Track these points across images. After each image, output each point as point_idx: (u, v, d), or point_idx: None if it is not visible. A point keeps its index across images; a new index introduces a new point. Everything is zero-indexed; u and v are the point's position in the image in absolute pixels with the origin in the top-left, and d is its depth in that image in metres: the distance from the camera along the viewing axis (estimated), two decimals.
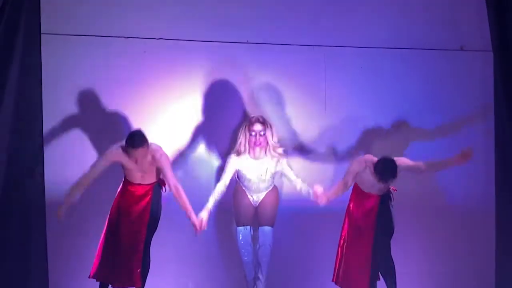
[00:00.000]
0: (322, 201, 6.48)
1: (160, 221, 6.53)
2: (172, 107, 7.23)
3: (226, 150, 7.11)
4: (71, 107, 7.11)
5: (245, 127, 6.65)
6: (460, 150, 6.47)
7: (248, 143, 6.59)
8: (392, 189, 6.60)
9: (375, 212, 6.46)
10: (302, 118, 7.32)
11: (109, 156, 6.41)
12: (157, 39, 7.23)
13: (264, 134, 6.58)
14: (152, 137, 7.08)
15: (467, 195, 7.30)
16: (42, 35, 6.89)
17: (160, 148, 6.51)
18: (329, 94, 7.34)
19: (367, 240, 6.43)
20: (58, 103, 7.04)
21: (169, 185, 6.44)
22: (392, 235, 6.51)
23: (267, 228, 6.55)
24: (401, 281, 6.56)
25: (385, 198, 6.53)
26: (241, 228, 6.57)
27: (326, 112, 7.35)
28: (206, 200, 6.58)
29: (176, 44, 7.23)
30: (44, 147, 6.81)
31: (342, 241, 6.55)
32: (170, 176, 6.41)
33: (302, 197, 7.06)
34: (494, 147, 7.12)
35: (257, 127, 6.58)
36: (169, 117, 7.22)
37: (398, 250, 6.58)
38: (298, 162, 7.24)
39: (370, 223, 6.45)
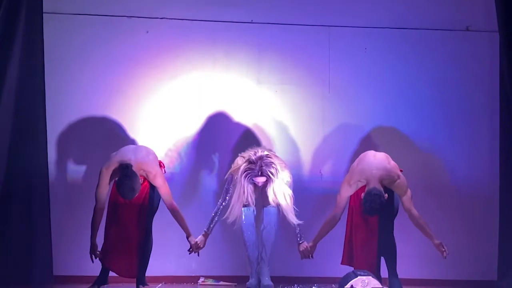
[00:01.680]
0: (306, 254, 6.46)
1: (162, 202, 6.50)
2: (175, 86, 7.19)
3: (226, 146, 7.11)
4: (73, 86, 7.08)
5: (247, 176, 6.25)
6: (438, 245, 6.36)
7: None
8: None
9: None
10: (306, 99, 7.28)
11: (103, 183, 6.25)
12: (160, 18, 7.20)
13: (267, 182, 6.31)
14: (154, 119, 7.10)
15: (471, 178, 7.26)
16: (44, 14, 6.89)
17: (153, 163, 6.38)
18: (333, 75, 7.30)
19: (372, 220, 6.40)
20: (60, 83, 7.02)
21: (166, 205, 6.40)
22: (395, 217, 6.48)
23: (272, 209, 6.51)
24: (403, 264, 6.55)
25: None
26: (244, 209, 6.54)
27: (330, 93, 7.30)
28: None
29: (179, 24, 7.20)
30: (47, 126, 6.83)
31: (349, 223, 6.53)
32: (166, 196, 6.38)
33: (308, 178, 7.05)
34: (499, 129, 7.10)
35: (260, 179, 6.31)
36: (171, 97, 7.18)
37: (400, 233, 6.55)
38: (304, 145, 7.22)
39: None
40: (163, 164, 6.60)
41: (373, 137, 7.26)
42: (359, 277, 5.69)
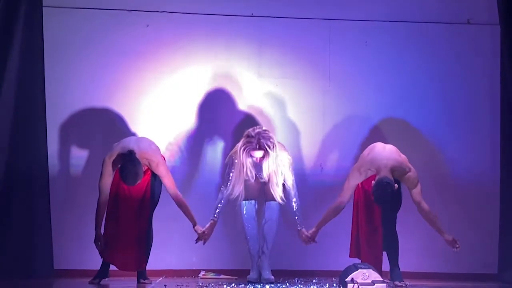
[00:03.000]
0: (307, 241, 6.42)
1: (164, 195, 6.50)
2: (175, 80, 7.19)
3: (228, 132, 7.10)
4: (73, 81, 7.08)
5: (245, 150, 6.27)
6: (450, 242, 6.34)
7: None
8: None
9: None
10: (307, 92, 7.27)
11: (106, 172, 6.21)
12: (161, 12, 7.19)
13: (265, 157, 6.29)
14: (154, 113, 7.09)
15: (471, 172, 7.25)
16: (44, 8, 6.89)
17: (156, 153, 6.38)
18: (334, 68, 7.29)
19: (377, 214, 6.40)
20: (60, 76, 7.02)
21: (170, 193, 6.37)
22: (398, 209, 6.48)
23: (274, 203, 6.51)
24: (404, 257, 6.55)
25: None
26: (245, 202, 6.53)
27: (330, 86, 7.30)
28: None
29: (179, 18, 7.19)
30: (47, 120, 6.83)
31: (355, 217, 6.53)
32: (170, 186, 6.34)
33: (310, 172, 7.04)
34: (500, 122, 7.09)
35: (258, 154, 6.29)
36: (171, 90, 7.18)
37: (402, 227, 6.55)
38: (304, 139, 7.21)
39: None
40: (164, 157, 6.60)
41: (374, 131, 7.25)
42: (359, 270, 5.68)
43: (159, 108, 7.15)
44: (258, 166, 6.38)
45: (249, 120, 7.19)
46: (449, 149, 7.24)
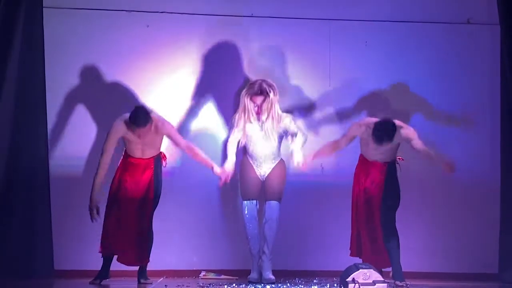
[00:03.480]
0: (302, 165, 6.44)
1: (164, 195, 6.50)
2: (175, 80, 7.19)
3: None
4: (73, 81, 7.08)
5: (247, 96, 6.52)
6: (447, 163, 6.41)
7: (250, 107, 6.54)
8: (399, 158, 6.56)
9: (382, 181, 6.43)
10: (307, 92, 7.27)
11: (113, 134, 6.35)
12: (160, 12, 7.19)
13: (265, 102, 6.49)
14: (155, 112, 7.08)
15: (472, 172, 7.24)
16: (44, 9, 6.89)
17: (161, 116, 6.50)
18: (334, 68, 7.29)
19: (376, 215, 6.41)
20: (60, 77, 7.01)
21: (181, 148, 6.47)
22: (397, 208, 6.48)
23: (274, 203, 6.51)
24: (405, 257, 6.54)
25: (392, 168, 6.49)
26: (247, 202, 6.54)
27: (331, 86, 7.30)
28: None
29: (179, 18, 7.19)
30: (47, 120, 6.83)
31: (354, 215, 6.53)
32: (179, 138, 6.46)
33: (310, 172, 7.04)
34: (500, 122, 7.09)
35: (258, 99, 6.49)
36: (171, 90, 7.18)
37: (403, 226, 6.55)
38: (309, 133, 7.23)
39: (377, 192, 6.42)
40: (165, 156, 6.60)
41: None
42: (360, 270, 5.68)
43: (159, 108, 7.13)
44: (258, 160, 6.49)
45: None
46: (449, 149, 7.21)
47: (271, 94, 6.46)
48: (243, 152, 6.68)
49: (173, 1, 7.20)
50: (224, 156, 6.69)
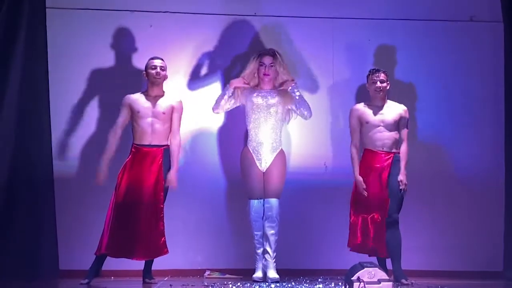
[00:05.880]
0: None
1: (168, 194, 6.50)
2: (179, 80, 7.19)
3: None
4: (77, 81, 7.08)
5: (255, 58, 6.65)
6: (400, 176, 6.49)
7: (258, 74, 6.62)
8: (397, 153, 6.58)
9: (387, 173, 6.47)
10: (310, 91, 7.26)
11: (126, 101, 6.50)
12: (164, 12, 7.19)
13: (273, 66, 6.60)
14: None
15: (476, 169, 7.25)
16: (47, 9, 6.89)
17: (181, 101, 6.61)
18: (337, 66, 7.29)
19: (381, 214, 6.41)
20: (64, 77, 7.01)
21: (172, 139, 6.48)
22: (400, 209, 6.48)
23: (274, 201, 6.50)
24: (409, 255, 6.56)
25: (397, 159, 6.51)
26: (254, 201, 6.52)
27: (334, 84, 7.30)
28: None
29: (182, 18, 7.19)
30: (51, 122, 6.83)
31: (353, 205, 6.54)
32: (177, 130, 6.51)
33: (314, 171, 7.04)
34: (504, 119, 7.09)
35: (267, 60, 6.62)
36: (175, 90, 7.17)
37: (406, 225, 6.56)
38: (308, 137, 7.22)
39: (383, 183, 6.44)
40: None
41: None
42: (365, 268, 5.68)
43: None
44: (259, 147, 6.55)
45: None
46: (453, 148, 7.23)
47: (280, 59, 6.62)
48: (244, 141, 6.68)
49: (177, 0, 7.20)
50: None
